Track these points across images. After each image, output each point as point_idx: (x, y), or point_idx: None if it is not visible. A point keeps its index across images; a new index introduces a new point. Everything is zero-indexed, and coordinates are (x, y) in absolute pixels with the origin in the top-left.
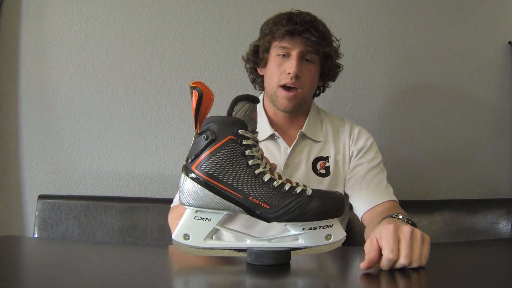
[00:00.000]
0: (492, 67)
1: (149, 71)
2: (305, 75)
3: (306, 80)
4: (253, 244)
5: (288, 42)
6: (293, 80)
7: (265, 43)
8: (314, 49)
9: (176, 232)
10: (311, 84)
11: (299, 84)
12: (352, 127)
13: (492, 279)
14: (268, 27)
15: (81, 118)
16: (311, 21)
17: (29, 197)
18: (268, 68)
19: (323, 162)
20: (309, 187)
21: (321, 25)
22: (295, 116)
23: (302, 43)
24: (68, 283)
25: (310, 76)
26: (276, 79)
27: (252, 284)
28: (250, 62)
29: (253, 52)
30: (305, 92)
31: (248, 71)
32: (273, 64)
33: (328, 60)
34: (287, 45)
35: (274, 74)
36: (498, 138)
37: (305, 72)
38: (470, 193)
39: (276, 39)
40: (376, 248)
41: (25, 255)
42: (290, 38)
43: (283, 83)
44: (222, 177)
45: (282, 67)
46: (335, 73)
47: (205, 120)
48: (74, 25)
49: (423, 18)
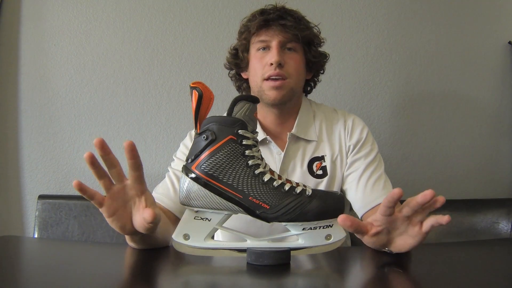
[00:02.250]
0: (492, 67)
1: (149, 71)
2: (289, 64)
3: (291, 69)
4: (253, 244)
5: (265, 34)
6: (277, 70)
7: (243, 42)
8: (293, 34)
9: (176, 232)
10: (297, 73)
11: (284, 74)
12: (345, 118)
13: (492, 279)
14: (243, 25)
15: (81, 118)
16: (283, 8)
17: (29, 197)
18: (251, 66)
19: (319, 163)
20: (309, 187)
21: (294, 12)
22: (285, 116)
23: (280, 31)
24: (68, 283)
25: (295, 64)
26: (260, 73)
27: (252, 284)
28: (232, 67)
29: (233, 55)
30: (292, 82)
31: (233, 79)
32: (255, 60)
33: (311, 47)
34: (265, 38)
35: (257, 69)
36: (498, 138)
37: (289, 60)
38: (470, 193)
39: (252, 34)
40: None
41: (25, 255)
42: (266, 29)
43: (267, 75)
44: (222, 177)
45: (264, 60)
46: (321, 62)
47: (205, 120)
48: (74, 25)
49: (423, 18)
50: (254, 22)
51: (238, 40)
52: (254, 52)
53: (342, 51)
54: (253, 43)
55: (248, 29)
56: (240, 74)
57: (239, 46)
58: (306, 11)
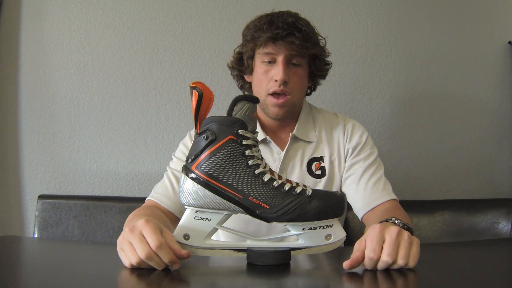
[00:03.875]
0: (492, 67)
1: (149, 71)
2: (293, 80)
3: (294, 85)
4: (253, 244)
5: (272, 48)
6: (281, 87)
7: (248, 51)
8: (300, 52)
9: (176, 232)
10: (300, 89)
11: (287, 90)
12: (345, 122)
13: (492, 279)
14: (249, 33)
15: (81, 118)
16: (294, 23)
17: (29, 197)
18: (255, 75)
19: (318, 163)
20: (309, 187)
21: (304, 25)
22: (286, 120)
23: (287, 48)
24: (68, 283)
25: (298, 80)
26: (264, 88)
27: (252, 284)
28: (236, 70)
29: (237, 60)
30: (294, 98)
31: (235, 78)
32: (260, 71)
33: (316, 61)
34: (271, 51)
35: (261, 82)
36: (498, 138)
37: (293, 76)
38: (470, 193)
39: (259, 46)
40: (362, 249)
41: (25, 255)
42: (274, 43)
43: (272, 91)
44: (222, 177)
45: (269, 74)
46: (324, 72)
47: (205, 120)
48: (74, 25)
49: (423, 18)
50: (262, 36)
51: (243, 45)
52: (260, 63)
53: (342, 51)
54: (259, 53)
55: (254, 39)
56: (242, 76)
57: (244, 52)
58: (307, 11)
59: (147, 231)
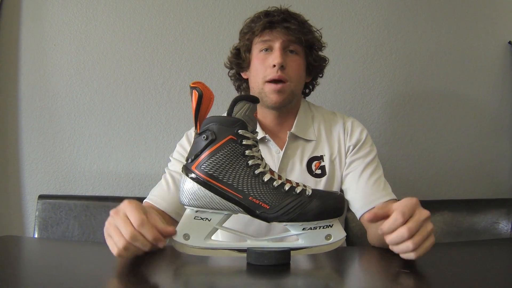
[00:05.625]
0: (492, 67)
1: (149, 71)
2: (291, 66)
3: (292, 72)
4: (253, 244)
5: (268, 35)
6: (279, 73)
7: (245, 42)
8: (296, 37)
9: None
10: (298, 76)
11: (285, 76)
12: (344, 119)
13: (492, 279)
14: (246, 26)
15: (81, 118)
16: (288, 11)
17: (29, 197)
18: (252, 66)
19: (318, 162)
20: (309, 187)
21: (298, 15)
22: (284, 116)
23: (283, 33)
24: (68, 283)
25: (296, 67)
26: (262, 75)
27: (252, 284)
28: (233, 66)
29: (234, 55)
30: (293, 85)
31: (232, 78)
32: (257, 61)
33: (312, 51)
34: (268, 38)
35: (259, 70)
36: (498, 138)
37: (291, 63)
38: (470, 193)
39: (256, 34)
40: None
41: (25, 255)
42: (270, 30)
43: (269, 78)
44: (222, 177)
45: (266, 62)
46: (321, 66)
47: (205, 120)
48: (74, 25)
49: (423, 18)
50: (258, 23)
51: (241, 40)
52: (257, 53)
53: (342, 51)
54: (256, 43)
55: (251, 30)
56: (240, 74)
57: (241, 46)
58: (307, 11)
59: (129, 210)
